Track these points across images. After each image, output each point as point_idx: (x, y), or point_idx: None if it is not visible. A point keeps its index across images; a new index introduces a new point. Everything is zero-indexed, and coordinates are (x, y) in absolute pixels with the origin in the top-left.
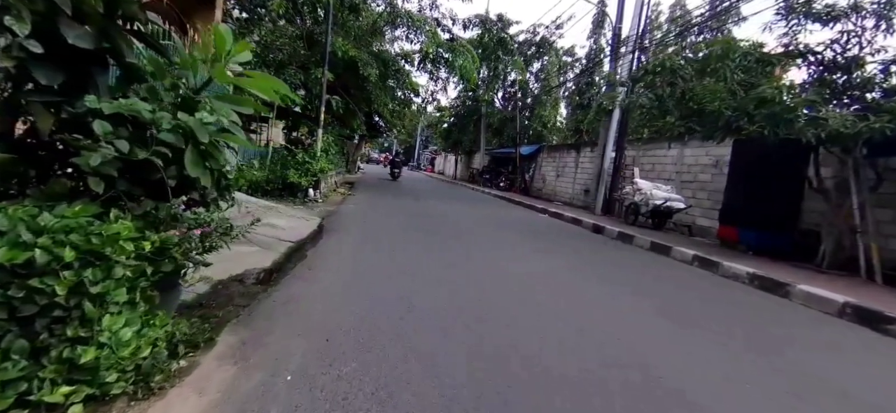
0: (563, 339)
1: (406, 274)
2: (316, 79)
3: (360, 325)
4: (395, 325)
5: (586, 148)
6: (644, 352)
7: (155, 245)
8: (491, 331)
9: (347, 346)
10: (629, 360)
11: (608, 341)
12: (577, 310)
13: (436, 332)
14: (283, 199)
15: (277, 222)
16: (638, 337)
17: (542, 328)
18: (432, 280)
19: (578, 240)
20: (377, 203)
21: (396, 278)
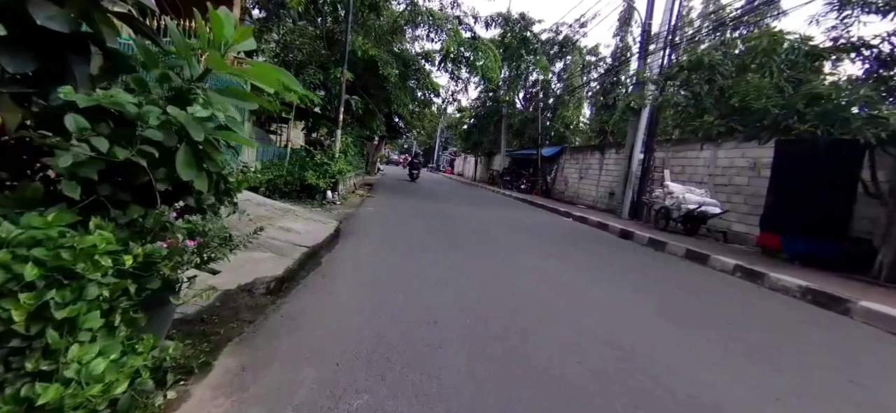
0: (610, 370)
1: (426, 285)
2: (335, 79)
3: (374, 348)
4: (413, 348)
5: (611, 149)
6: (713, 392)
7: (138, 259)
8: (526, 356)
9: (359, 373)
10: (708, 402)
11: (664, 373)
12: (618, 332)
13: (460, 357)
14: (301, 202)
15: (293, 226)
16: (697, 369)
17: (587, 360)
18: (454, 293)
19: (607, 247)
20: (396, 206)
21: (416, 290)
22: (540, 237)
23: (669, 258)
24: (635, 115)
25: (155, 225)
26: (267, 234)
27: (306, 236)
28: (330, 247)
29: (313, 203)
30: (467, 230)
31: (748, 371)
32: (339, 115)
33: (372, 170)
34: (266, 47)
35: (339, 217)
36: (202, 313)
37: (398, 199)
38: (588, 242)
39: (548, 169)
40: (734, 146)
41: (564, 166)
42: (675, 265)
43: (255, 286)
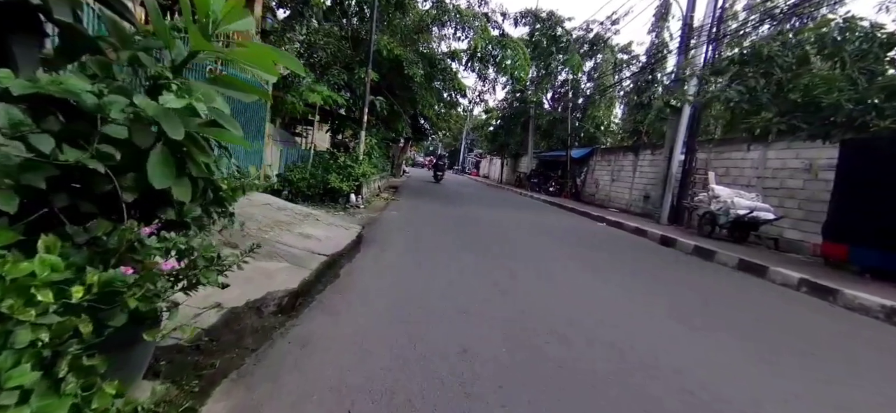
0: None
1: (454, 304)
2: (360, 79)
3: (394, 386)
4: (441, 385)
5: (646, 150)
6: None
7: (93, 291)
8: (572, 398)
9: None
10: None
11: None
12: (682, 365)
13: (495, 398)
14: (323, 205)
15: (313, 232)
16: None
17: (655, 404)
18: (487, 314)
19: (649, 256)
20: (422, 209)
21: (442, 310)
22: (576, 246)
23: (720, 269)
24: (675, 113)
25: (120, 245)
26: (284, 242)
27: (326, 243)
28: (350, 255)
29: (336, 207)
30: (496, 237)
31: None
32: (364, 116)
33: (397, 172)
34: (290, 48)
35: (361, 222)
36: (200, 338)
37: (423, 203)
38: (629, 252)
39: (577, 171)
40: (786, 146)
41: (595, 168)
42: (728, 278)
43: (265, 303)
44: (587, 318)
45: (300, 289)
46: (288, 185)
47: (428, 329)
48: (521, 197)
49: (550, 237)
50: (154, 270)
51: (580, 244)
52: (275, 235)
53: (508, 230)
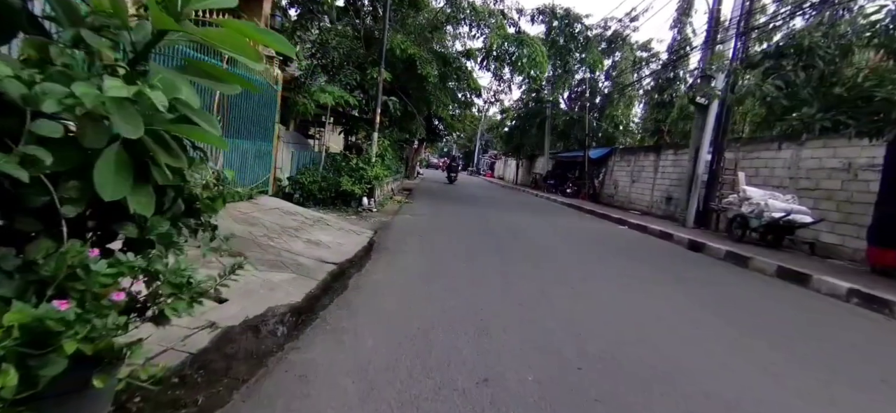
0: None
1: (473, 323)
2: (372, 79)
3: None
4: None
5: (668, 150)
6: None
7: (12, 336)
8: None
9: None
10: None
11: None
12: (734, 396)
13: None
14: (335, 209)
15: (322, 238)
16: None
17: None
18: (510, 335)
19: (678, 261)
20: (436, 212)
21: (460, 330)
22: (600, 251)
23: (757, 277)
24: (701, 111)
25: (58, 271)
26: (291, 249)
27: (336, 251)
28: (361, 264)
29: (348, 210)
30: (515, 243)
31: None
32: (376, 116)
33: (411, 174)
34: (302, 47)
35: (374, 226)
36: (184, 366)
37: (438, 206)
38: (656, 257)
39: (595, 172)
40: (821, 144)
41: (614, 169)
42: (768, 288)
43: (264, 320)
44: (625, 339)
45: (304, 303)
46: (299, 188)
47: (443, 354)
48: (537, 198)
49: (573, 242)
50: (103, 302)
51: (605, 250)
52: (282, 243)
53: (528, 234)
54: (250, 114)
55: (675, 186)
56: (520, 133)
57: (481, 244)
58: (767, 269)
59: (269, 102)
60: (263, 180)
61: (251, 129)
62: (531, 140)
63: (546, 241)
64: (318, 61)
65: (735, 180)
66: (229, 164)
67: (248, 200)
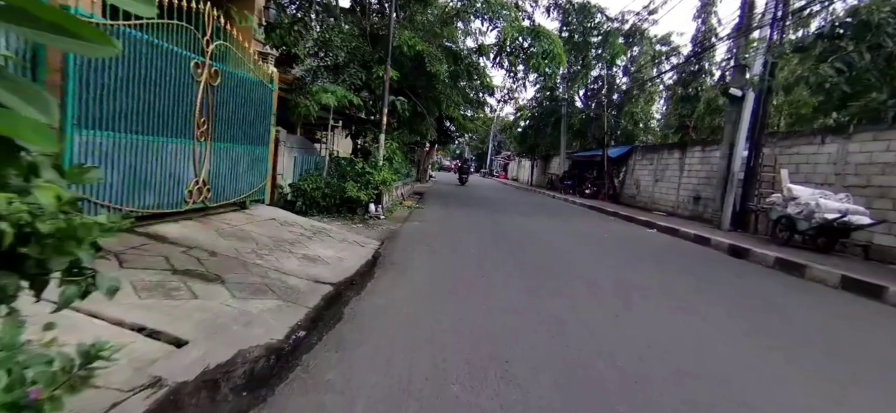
0: None
1: (497, 365)
2: (379, 78)
3: None
4: None
5: (695, 147)
6: None
7: None
8: None
9: None
10: None
11: None
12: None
13: None
14: (340, 217)
15: (321, 252)
16: None
17: None
18: (536, 366)
19: (723, 272)
20: (449, 218)
21: (482, 377)
22: (632, 260)
23: (819, 290)
24: (735, 103)
25: None
26: (282, 268)
27: (334, 268)
28: (362, 283)
29: (354, 218)
30: (535, 252)
31: None
32: (383, 117)
33: (423, 177)
34: (302, 45)
35: (381, 236)
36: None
37: (450, 210)
38: (696, 266)
39: (615, 171)
40: (872, 137)
41: (635, 168)
42: (839, 304)
43: (230, 372)
44: (677, 370)
45: (285, 343)
46: (301, 195)
47: (459, 396)
48: (554, 200)
49: (600, 249)
50: None
51: (638, 258)
52: (272, 260)
53: (549, 241)
54: (241, 115)
55: (703, 185)
56: (534, 133)
57: (498, 255)
58: (829, 280)
59: (264, 103)
60: (259, 188)
61: (243, 132)
62: (546, 140)
63: (570, 249)
64: (321, 61)
65: (775, 178)
66: (216, 171)
67: (240, 210)
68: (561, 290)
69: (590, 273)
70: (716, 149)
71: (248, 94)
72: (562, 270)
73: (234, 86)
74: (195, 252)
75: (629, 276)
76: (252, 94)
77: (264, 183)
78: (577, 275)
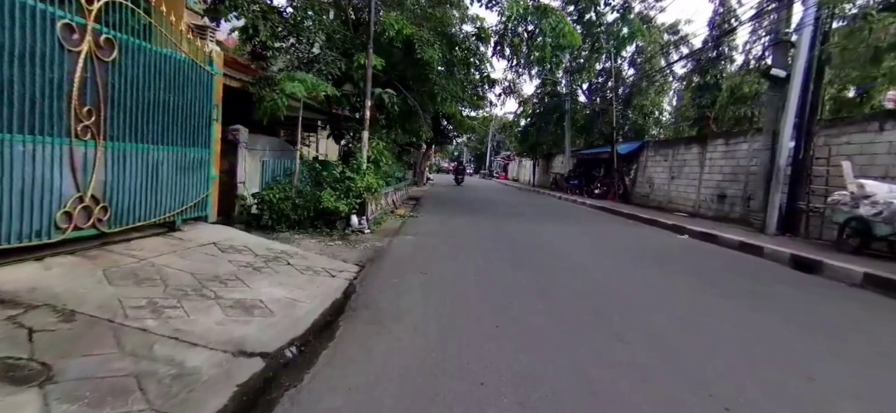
0: None
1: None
2: (361, 67)
3: None
4: None
5: (717, 140)
6: None
7: None
8: None
9: None
10: None
11: None
12: None
13: None
14: (316, 232)
15: (268, 292)
16: None
17: None
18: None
19: (802, 295)
20: (446, 229)
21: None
22: (680, 280)
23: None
24: (777, 86)
25: None
26: (188, 327)
27: (278, 322)
28: (315, 349)
29: (332, 234)
30: (557, 272)
31: None
32: (365, 111)
33: (420, 180)
34: (265, 27)
35: (362, 257)
36: None
37: (449, 218)
38: (759, 286)
39: (626, 169)
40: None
41: (646, 165)
42: None
43: None
44: None
45: None
46: (267, 207)
47: None
48: (560, 202)
49: (635, 266)
50: None
51: (685, 276)
52: (176, 319)
53: (567, 255)
54: (162, 106)
55: (728, 182)
56: (536, 131)
57: (513, 281)
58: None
59: (200, 91)
60: (197, 202)
61: (165, 128)
62: (549, 138)
63: (592, 264)
64: (294, 47)
65: (829, 173)
66: (117, 182)
67: (164, 235)
68: (597, 323)
69: (632, 302)
70: (743, 141)
71: (174, 79)
72: (597, 302)
73: (147, 65)
74: (37, 315)
75: (702, 319)
76: (180, 79)
77: (207, 194)
78: (617, 306)
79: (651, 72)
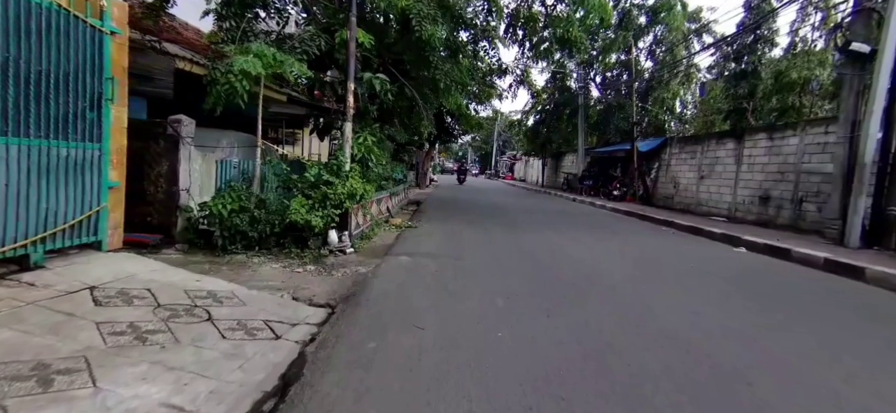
0: None
1: None
2: (343, 42)
3: None
4: None
5: (757, 134)
6: None
7: None
8: None
9: None
10: None
11: None
12: None
13: None
14: (281, 254)
15: (126, 395)
16: None
17: None
18: None
19: None
20: (452, 244)
21: None
22: (794, 332)
23: None
24: (857, 65)
25: None
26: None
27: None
28: None
29: (303, 256)
30: (608, 315)
31: None
32: (348, 96)
33: (423, 182)
34: None
35: (334, 294)
36: None
37: (455, 228)
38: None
39: (646, 168)
40: None
41: (670, 163)
42: None
43: None
44: None
45: None
46: (217, 222)
47: None
48: (576, 204)
49: (697, 293)
50: None
51: (768, 308)
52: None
53: (613, 282)
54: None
55: (773, 182)
56: (547, 128)
57: (553, 338)
58: None
59: (80, 54)
60: (80, 222)
61: (17, 109)
62: (560, 136)
63: (659, 300)
64: (255, 15)
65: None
66: None
67: (3, 279)
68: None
69: (741, 373)
70: (792, 134)
71: (29, 34)
72: (706, 392)
73: None
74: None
75: (821, 377)
76: (43, 35)
77: (99, 210)
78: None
79: (673, 62)
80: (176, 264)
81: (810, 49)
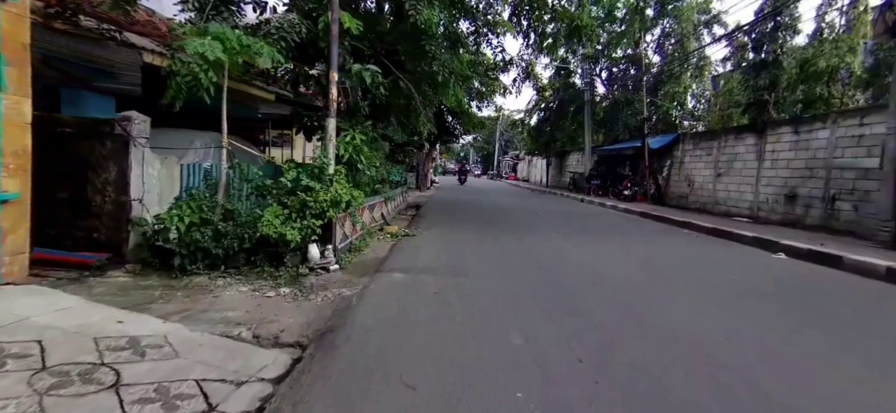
0: None
1: None
2: (325, 26)
3: None
4: None
5: (782, 128)
6: None
7: None
8: None
9: None
10: None
11: None
12: None
13: None
14: (252, 273)
15: None
16: None
17: None
18: None
19: None
20: (455, 256)
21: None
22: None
23: None
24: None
25: None
26: None
27: None
28: None
29: (278, 275)
30: (652, 353)
31: None
32: (330, 88)
33: (423, 184)
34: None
35: (307, 329)
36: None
37: (457, 234)
38: None
39: (658, 166)
40: None
41: (684, 160)
42: None
43: None
44: None
45: None
46: (176, 238)
47: None
48: (585, 205)
49: (751, 320)
50: None
51: (843, 342)
52: None
53: (646, 304)
54: None
55: (801, 179)
56: (552, 126)
57: (584, 388)
58: None
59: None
60: None
61: None
62: (565, 133)
63: (706, 331)
64: None
65: None
66: None
67: None
68: None
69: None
70: (821, 127)
71: None
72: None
73: None
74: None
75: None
76: None
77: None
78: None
79: (684, 55)
80: (107, 295)
81: (839, 35)
